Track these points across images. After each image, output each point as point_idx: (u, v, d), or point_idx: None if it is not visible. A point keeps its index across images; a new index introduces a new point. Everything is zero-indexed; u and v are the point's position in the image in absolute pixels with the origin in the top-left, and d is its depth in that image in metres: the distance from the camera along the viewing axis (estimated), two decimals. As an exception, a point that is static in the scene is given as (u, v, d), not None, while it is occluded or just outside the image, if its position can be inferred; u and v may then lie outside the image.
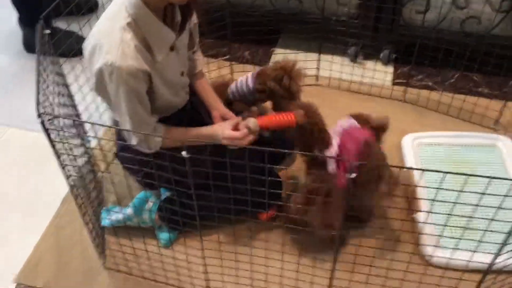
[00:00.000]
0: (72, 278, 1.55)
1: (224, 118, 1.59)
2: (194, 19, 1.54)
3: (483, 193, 1.00)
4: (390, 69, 2.22)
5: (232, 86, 1.80)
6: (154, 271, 1.52)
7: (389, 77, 2.18)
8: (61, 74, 1.48)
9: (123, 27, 1.26)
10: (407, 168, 1.23)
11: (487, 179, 0.96)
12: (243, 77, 1.79)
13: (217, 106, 1.64)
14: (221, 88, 1.82)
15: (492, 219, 1.06)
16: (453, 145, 1.84)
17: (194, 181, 1.20)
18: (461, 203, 1.02)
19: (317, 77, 2.15)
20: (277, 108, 1.73)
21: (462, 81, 2.16)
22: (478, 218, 1.06)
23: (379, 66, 2.21)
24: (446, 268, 1.42)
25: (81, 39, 1.38)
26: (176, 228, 1.60)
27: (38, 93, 1.15)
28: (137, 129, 1.37)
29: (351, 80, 2.12)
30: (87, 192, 1.48)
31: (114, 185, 1.43)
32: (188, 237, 1.56)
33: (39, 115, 1.11)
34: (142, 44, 1.30)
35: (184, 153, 1.10)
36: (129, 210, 1.60)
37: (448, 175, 0.98)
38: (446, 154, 1.82)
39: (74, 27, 1.64)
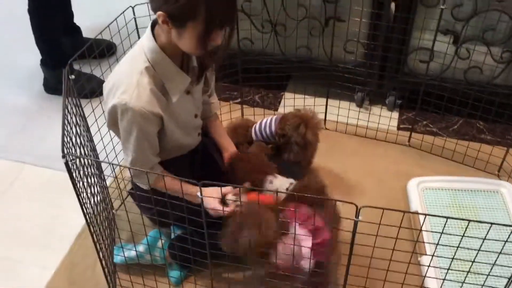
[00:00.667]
0: (84, 314, 1.59)
1: None
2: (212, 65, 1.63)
3: (485, 238, 1.05)
4: (395, 114, 2.29)
5: (257, 126, 1.91)
6: (164, 309, 1.55)
7: (394, 123, 2.25)
8: (82, 116, 1.56)
9: (141, 71, 1.35)
10: (411, 212, 1.28)
11: (490, 224, 1.01)
12: (267, 119, 1.90)
13: (229, 148, 1.71)
14: (243, 128, 1.95)
15: (494, 264, 1.10)
16: (457, 189, 1.89)
17: (206, 219, 1.25)
18: (462, 247, 1.06)
19: (325, 121, 2.22)
20: (289, 153, 1.80)
21: (466, 127, 2.22)
22: (479, 262, 1.10)
23: (384, 111, 2.28)
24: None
25: (102, 82, 1.46)
26: (187, 266, 1.63)
27: (63, 134, 1.22)
28: (136, 165, 1.43)
29: (358, 124, 2.19)
30: (102, 229, 1.53)
31: (127, 223, 1.48)
32: (198, 275, 1.60)
33: (64, 156, 1.18)
34: (158, 87, 1.38)
35: (198, 194, 1.16)
36: (141, 248, 1.64)
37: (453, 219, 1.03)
38: (450, 198, 1.86)
39: (95, 68, 1.74)
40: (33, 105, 2.44)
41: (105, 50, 1.84)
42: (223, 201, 1.41)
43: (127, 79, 1.35)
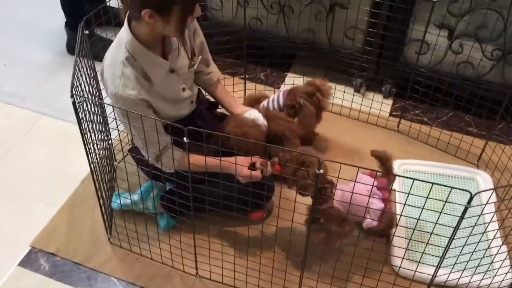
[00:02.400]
0: (80, 247, 1.77)
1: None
2: (201, 38, 1.76)
3: (427, 197, 1.19)
4: (389, 102, 2.41)
5: (264, 103, 2.02)
6: (152, 250, 1.72)
7: (387, 109, 2.37)
8: (93, 69, 1.72)
9: (122, 61, 1.49)
10: (364, 168, 1.42)
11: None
12: (276, 94, 2.02)
13: (237, 105, 1.86)
14: (255, 100, 2.06)
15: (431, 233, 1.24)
16: (436, 174, 2.02)
17: (193, 175, 1.40)
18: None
19: (320, 102, 2.34)
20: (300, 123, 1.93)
21: (454, 119, 2.33)
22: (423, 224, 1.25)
23: (379, 98, 2.40)
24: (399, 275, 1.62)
25: None
26: (175, 217, 1.79)
27: (73, 78, 1.37)
28: (150, 149, 1.53)
29: (352, 107, 2.32)
30: (104, 173, 1.69)
31: (127, 174, 1.63)
32: (183, 225, 1.74)
33: (72, 95, 1.33)
34: (140, 74, 1.51)
35: (185, 139, 1.30)
36: (135, 197, 1.82)
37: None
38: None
39: (110, 34, 1.90)
40: (55, 63, 2.64)
41: (119, 16, 2.00)
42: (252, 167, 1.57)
43: (112, 70, 1.50)
